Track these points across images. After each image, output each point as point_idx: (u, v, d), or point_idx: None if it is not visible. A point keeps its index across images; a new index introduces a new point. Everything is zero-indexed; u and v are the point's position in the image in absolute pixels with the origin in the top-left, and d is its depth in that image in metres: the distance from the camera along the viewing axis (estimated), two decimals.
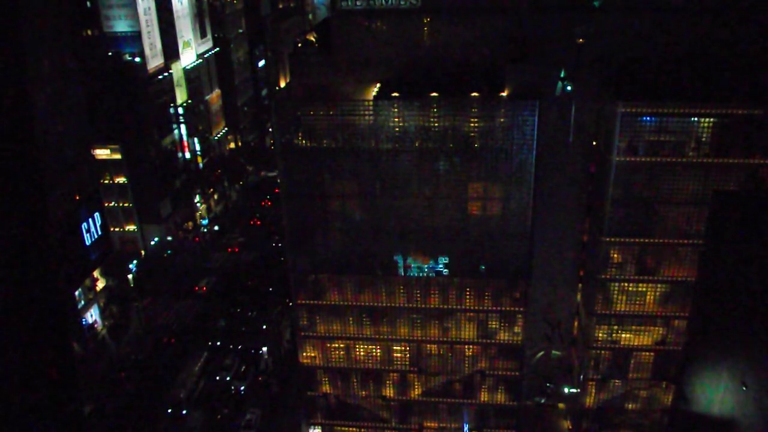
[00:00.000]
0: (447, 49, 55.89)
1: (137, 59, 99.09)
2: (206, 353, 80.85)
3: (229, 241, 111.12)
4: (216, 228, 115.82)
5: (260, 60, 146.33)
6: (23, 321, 52.33)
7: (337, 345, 61.46)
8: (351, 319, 59.84)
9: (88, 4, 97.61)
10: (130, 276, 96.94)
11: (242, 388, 76.11)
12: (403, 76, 55.87)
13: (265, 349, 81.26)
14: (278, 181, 64.37)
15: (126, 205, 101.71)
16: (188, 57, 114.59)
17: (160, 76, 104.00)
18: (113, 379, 78.54)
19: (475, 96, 52.26)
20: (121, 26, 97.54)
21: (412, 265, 56.43)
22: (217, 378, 77.44)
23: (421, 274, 56.75)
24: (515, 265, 55.88)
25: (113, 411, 72.87)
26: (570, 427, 66.96)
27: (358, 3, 55.01)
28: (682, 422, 46.45)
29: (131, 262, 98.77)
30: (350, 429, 65.71)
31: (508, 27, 55.17)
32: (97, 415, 72.10)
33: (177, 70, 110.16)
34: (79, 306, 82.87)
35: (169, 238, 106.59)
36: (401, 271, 56.70)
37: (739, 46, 53.98)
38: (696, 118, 51.04)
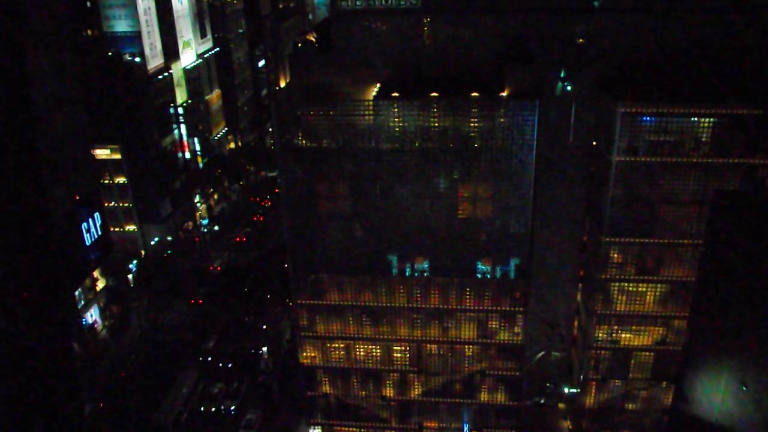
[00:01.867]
0: (447, 49, 55.89)
1: (137, 59, 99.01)
2: (196, 373, 76.86)
3: (237, 233, 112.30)
4: (216, 228, 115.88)
5: (260, 60, 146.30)
6: (23, 321, 52.33)
7: (337, 345, 61.47)
8: (351, 319, 59.85)
9: (88, 4, 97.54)
10: (130, 276, 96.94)
11: (232, 408, 73.00)
12: (403, 76, 55.87)
13: (265, 349, 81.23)
14: (278, 181, 64.34)
15: (126, 205, 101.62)
16: (188, 57, 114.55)
17: (160, 76, 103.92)
18: (113, 379, 78.50)
19: (475, 96, 52.26)
20: (121, 26, 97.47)
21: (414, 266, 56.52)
22: (202, 409, 73.44)
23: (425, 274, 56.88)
24: (515, 265, 55.81)
25: (113, 411, 72.86)
26: (570, 427, 66.97)
27: (358, 3, 55.02)
28: (682, 422, 46.46)
29: (131, 262, 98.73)
30: (350, 429, 65.72)
31: (508, 27, 55.20)
32: (97, 415, 72.05)
33: (177, 70, 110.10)
34: (79, 306, 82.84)
35: (169, 238, 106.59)
36: (394, 271, 56.80)
37: (739, 46, 53.98)
38: (696, 118, 51.04)
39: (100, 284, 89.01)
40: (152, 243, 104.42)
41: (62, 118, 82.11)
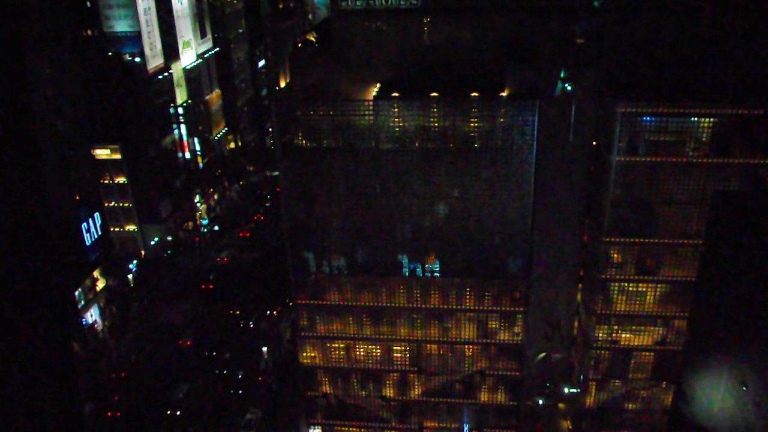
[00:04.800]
0: (447, 49, 55.87)
1: (137, 59, 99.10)
2: None
3: (239, 229, 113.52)
4: (216, 228, 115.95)
5: (260, 60, 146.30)
6: (23, 321, 52.29)
7: (337, 345, 61.43)
8: (351, 319, 59.81)
9: (88, 4, 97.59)
10: (130, 276, 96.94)
11: None
12: (403, 76, 55.85)
13: (265, 349, 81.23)
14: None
15: (126, 205, 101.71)
16: (188, 57, 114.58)
17: (160, 76, 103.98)
18: (113, 379, 78.49)
19: (475, 96, 52.25)
20: (121, 26, 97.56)
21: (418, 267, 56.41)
22: None
23: (425, 275, 56.79)
24: (515, 265, 55.83)
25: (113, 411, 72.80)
26: (570, 427, 66.94)
27: (358, 3, 54.99)
28: (682, 422, 46.42)
29: (131, 262, 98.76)
30: (350, 429, 65.69)
31: (508, 27, 55.18)
32: (97, 415, 72.02)
33: (177, 70, 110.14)
34: (79, 306, 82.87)
35: (169, 238, 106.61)
36: (405, 271, 56.67)
37: (739, 45, 53.96)
38: (696, 118, 51.01)
39: (100, 284, 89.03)
40: (152, 243, 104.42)
41: (62, 118, 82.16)
